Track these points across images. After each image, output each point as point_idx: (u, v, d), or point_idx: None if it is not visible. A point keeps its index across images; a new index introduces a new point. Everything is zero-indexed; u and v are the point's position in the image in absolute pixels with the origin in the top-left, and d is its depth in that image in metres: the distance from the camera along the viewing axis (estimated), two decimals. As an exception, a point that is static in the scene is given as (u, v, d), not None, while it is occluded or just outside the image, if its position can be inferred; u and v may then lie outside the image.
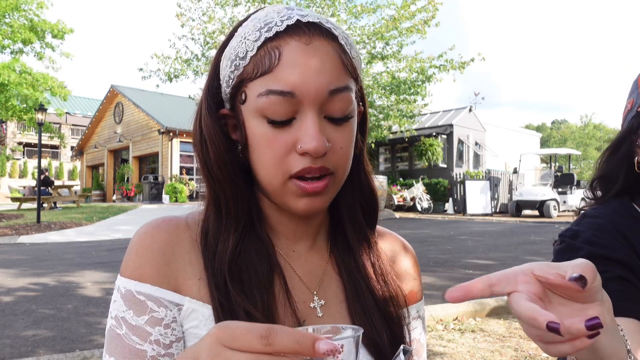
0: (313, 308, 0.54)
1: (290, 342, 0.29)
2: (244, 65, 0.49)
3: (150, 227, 0.54)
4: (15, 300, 4.27)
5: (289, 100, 0.47)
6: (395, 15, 11.73)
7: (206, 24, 12.28)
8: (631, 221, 0.76)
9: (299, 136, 0.48)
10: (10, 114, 13.24)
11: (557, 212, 13.80)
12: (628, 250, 0.72)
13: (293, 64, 0.47)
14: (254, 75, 0.48)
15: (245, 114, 0.51)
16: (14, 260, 6.56)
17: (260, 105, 0.48)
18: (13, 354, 2.93)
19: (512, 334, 3.30)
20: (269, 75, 0.47)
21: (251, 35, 0.49)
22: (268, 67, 0.47)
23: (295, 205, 0.51)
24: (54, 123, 19.27)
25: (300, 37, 0.48)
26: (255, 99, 0.48)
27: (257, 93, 0.48)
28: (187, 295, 0.51)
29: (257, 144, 0.50)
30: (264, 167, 0.50)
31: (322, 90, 0.48)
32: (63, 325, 3.53)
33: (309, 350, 0.29)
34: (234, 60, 0.50)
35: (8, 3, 12.05)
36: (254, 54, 0.48)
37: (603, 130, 46.47)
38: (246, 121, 0.51)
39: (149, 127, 19.25)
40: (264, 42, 0.48)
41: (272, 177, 0.50)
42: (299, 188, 0.49)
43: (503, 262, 5.91)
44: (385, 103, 12.58)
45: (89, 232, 9.75)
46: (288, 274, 0.55)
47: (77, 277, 5.26)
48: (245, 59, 0.49)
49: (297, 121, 0.48)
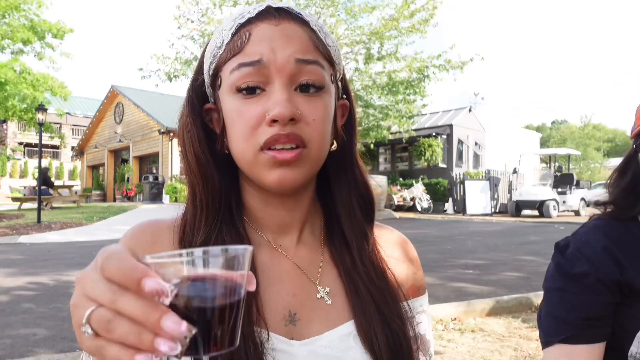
0: (320, 298, 0.54)
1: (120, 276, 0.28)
2: (220, 54, 0.52)
3: (136, 229, 0.55)
4: (15, 299, 4.27)
5: (258, 70, 0.49)
6: (395, 14, 11.73)
7: (206, 25, 12.29)
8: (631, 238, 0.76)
9: (268, 106, 0.49)
10: (10, 114, 13.24)
11: (557, 212, 13.79)
12: (610, 268, 0.73)
13: (261, 39, 0.50)
14: (227, 57, 0.51)
15: (222, 98, 0.53)
16: (14, 260, 6.57)
17: (232, 80, 0.50)
18: (13, 353, 2.94)
19: (511, 333, 3.30)
20: (240, 53, 0.50)
21: (227, 25, 0.52)
22: (239, 47, 0.50)
23: (267, 178, 0.51)
24: (55, 123, 19.27)
25: (270, 20, 0.51)
26: (228, 77, 0.51)
27: (229, 70, 0.50)
28: None
29: (231, 121, 0.51)
30: (236, 142, 0.51)
31: (289, 58, 0.49)
32: (63, 325, 3.53)
33: (134, 286, 0.28)
34: (212, 51, 0.53)
35: (8, 3, 12.05)
36: (228, 40, 0.51)
37: (602, 131, 46.46)
38: (222, 103, 0.53)
39: (149, 127, 19.25)
40: (237, 28, 0.51)
41: (244, 150, 0.51)
42: (270, 158, 0.49)
43: (503, 263, 5.91)
44: (384, 103, 12.58)
45: (89, 232, 9.75)
46: (282, 266, 0.55)
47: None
48: (222, 48, 0.52)
49: (266, 92, 0.50)
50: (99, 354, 0.29)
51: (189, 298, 0.29)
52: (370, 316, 0.54)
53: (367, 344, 0.53)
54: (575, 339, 0.72)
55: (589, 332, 0.72)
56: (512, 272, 5.28)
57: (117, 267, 0.28)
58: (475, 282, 4.76)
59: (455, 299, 4.05)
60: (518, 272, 5.24)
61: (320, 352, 0.51)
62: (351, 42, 12.41)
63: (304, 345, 0.51)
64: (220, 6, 12.26)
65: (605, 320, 0.72)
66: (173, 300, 0.29)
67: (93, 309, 0.29)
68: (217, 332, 0.30)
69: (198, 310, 0.30)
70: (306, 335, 0.52)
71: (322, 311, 0.54)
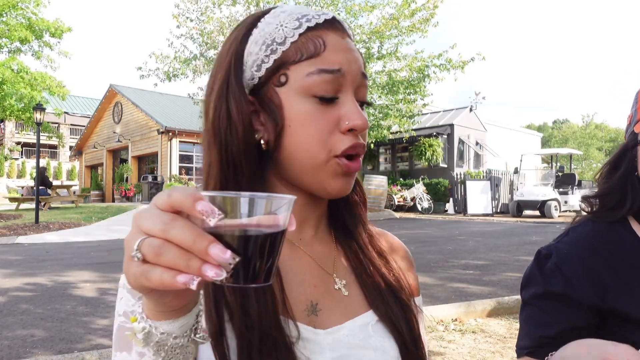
0: (338, 289, 0.57)
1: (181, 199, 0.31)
2: (283, 50, 0.52)
3: None
4: (13, 300, 4.24)
5: (336, 79, 0.52)
6: (395, 13, 11.72)
7: (205, 23, 12.26)
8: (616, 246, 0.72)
9: (343, 113, 0.52)
10: (8, 114, 13.20)
11: (558, 212, 13.79)
12: (588, 292, 0.69)
13: (337, 50, 0.53)
14: (299, 58, 0.52)
15: (283, 95, 0.52)
16: (12, 260, 6.54)
17: (308, 83, 0.51)
18: (11, 354, 2.91)
19: (512, 334, 3.27)
20: (317, 58, 0.52)
21: (289, 23, 0.53)
22: (314, 52, 0.52)
23: (331, 185, 0.53)
24: (53, 123, 19.24)
25: (337, 32, 0.54)
26: (303, 79, 0.51)
27: (306, 73, 0.51)
28: None
29: (300, 124, 0.52)
30: (306, 146, 0.52)
31: (359, 71, 0.54)
32: (61, 326, 3.51)
33: (190, 204, 0.31)
34: (270, 45, 0.52)
35: (5, 1, 12.01)
36: (294, 40, 0.52)
37: (605, 130, 46.53)
38: (285, 102, 0.52)
39: (148, 127, 19.22)
40: (305, 30, 0.52)
41: (315, 155, 0.52)
42: (342, 167, 0.52)
43: (504, 263, 5.90)
44: (384, 102, 12.57)
45: (88, 233, 9.72)
46: (302, 258, 0.57)
47: (75, 277, 5.23)
48: (285, 44, 0.52)
49: (340, 100, 0.52)
50: (143, 277, 0.32)
51: (233, 228, 0.32)
52: (390, 305, 0.57)
53: (393, 331, 0.56)
54: (541, 354, 0.68)
55: (552, 351, 0.67)
56: (513, 273, 5.26)
57: (180, 192, 0.32)
58: (476, 283, 4.74)
59: (456, 299, 4.03)
60: (519, 272, 5.22)
61: (343, 341, 0.54)
62: (351, 41, 12.39)
63: (328, 334, 0.54)
64: (220, 5, 12.24)
65: (573, 340, 0.68)
66: (219, 230, 0.32)
67: (145, 238, 0.32)
68: (256, 265, 0.33)
69: (240, 240, 0.33)
70: (327, 325, 0.54)
71: (341, 302, 0.56)
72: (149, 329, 0.37)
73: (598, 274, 0.69)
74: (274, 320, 0.49)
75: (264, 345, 0.47)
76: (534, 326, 0.73)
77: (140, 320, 0.37)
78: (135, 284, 0.33)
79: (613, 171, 0.76)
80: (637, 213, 0.74)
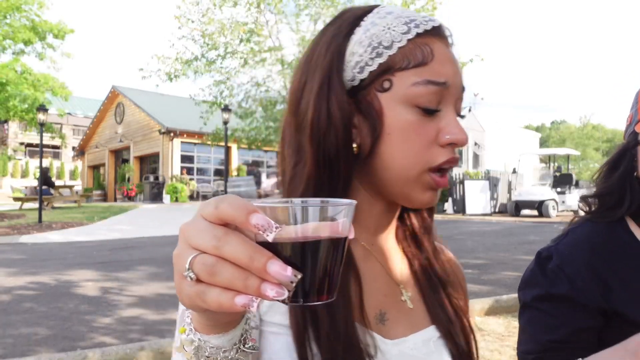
0: (404, 301, 0.56)
1: (232, 213, 0.28)
2: (389, 54, 0.50)
3: None
4: (17, 299, 4.29)
5: (441, 92, 0.50)
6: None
7: (206, 25, 12.31)
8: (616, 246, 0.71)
9: (444, 126, 0.51)
10: (11, 114, 13.28)
11: (556, 212, 13.79)
12: (593, 292, 0.68)
13: (444, 61, 0.51)
14: (405, 65, 0.50)
15: (385, 101, 0.51)
16: (16, 259, 6.59)
17: (414, 93, 0.50)
18: (15, 352, 2.96)
19: (511, 333, 3.31)
20: (425, 68, 0.50)
21: (397, 27, 0.51)
22: (422, 60, 0.50)
23: (419, 197, 0.52)
24: (56, 123, 19.30)
25: (443, 40, 0.52)
26: (409, 87, 0.50)
27: (412, 82, 0.50)
28: None
29: (400, 132, 0.50)
30: (402, 157, 0.50)
31: (461, 84, 0.53)
32: (64, 324, 3.55)
33: (243, 219, 0.28)
34: (376, 48, 0.51)
35: (9, 3, 12.09)
36: (402, 45, 0.50)
37: (602, 131, 46.43)
38: (386, 109, 0.51)
39: (149, 128, 19.28)
40: (414, 36, 0.50)
41: (411, 166, 0.51)
42: (433, 181, 0.51)
43: (502, 262, 5.93)
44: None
45: (90, 232, 9.78)
46: (374, 265, 0.56)
47: (78, 276, 5.29)
48: (392, 49, 0.50)
49: (441, 113, 0.51)
50: (199, 299, 0.29)
51: (292, 242, 0.29)
52: (452, 323, 0.56)
53: (454, 349, 0.55)
54: (548, 359, 0.69)
55: (561, 355, 0.68)
56: (511, 272, 5.29)
57: (229, 203, 0.29)
58: (474, 282, 4.77)
59: (454, 298, 4.05)
60: (517, 271, 5.25)
61: (408, 353, 0.53)
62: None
63: (395, 344, 0.53)
64: (221, 7, 12.29)
65: (580, 343, 0.68)
66: (276, 245, 0.29)
67: (196, 255, 0.29)
68: (320, 279, 0.30)
69: (300, 253, 0.30)
70: (393, 336, 0.53)
71: (406, 314, 0.55)
72: (198, 342, 0.35)
73: (600, 275, 0.68)
74: (353, 328, 0.48)
75: (348, 355, 0.46)
76: (538, 330, 0.70)
77: (189, 332, 0.35)
78: (190, 304, 0.31)
79: (612, 171, 0.75)
80: (634, 213, 0.73)
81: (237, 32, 12.27)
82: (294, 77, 0.56)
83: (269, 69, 13.04)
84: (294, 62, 12.51)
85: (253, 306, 0.28)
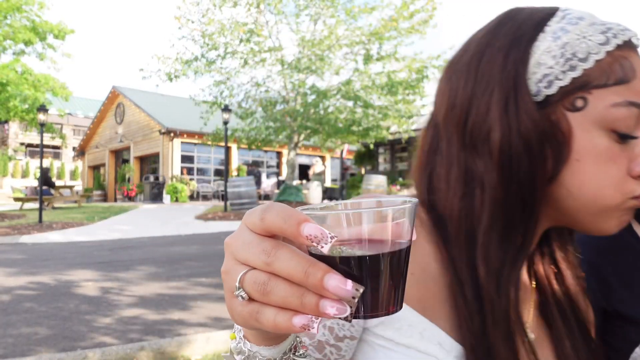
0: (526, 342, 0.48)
1: (280, 224, 0.26)
2: (584, 68, 0.43)
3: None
4: (17, 299, 4.31)
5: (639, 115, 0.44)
6: (395, 15, 11.78)
7: (206, 25, 12.35)
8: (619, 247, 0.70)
9: (637, 156, 0.45)
10: (12, 115, 13.31)
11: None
12: (594, 292, 0.67)
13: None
14: (604, 82, 0.43)
15: (575, 122, 0.44)
16: (16, 259, 6.62)
17: (612, 115, 0.43)
18: (15, 352, 2.98)
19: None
20: (625, 87, 0.44)
21: (594, 36, 0.44)
22: (623, 77, 0.44)
23: (610, 226, 0.47)
24: (56, 124, 19.35)
25: (637, 54, 0.46)
26: (607, 109, 0.43)
27: (611, 102, 0.43)
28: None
29: (593, 160, 0.44)
30: (596, 186, 0.45)
31: None
32: (64, 324, 3.57)
33: (293, 230, 0.25)
34: (569, 59, 0.44)
35: (10, 4, 12.12)
36: (600, 58, 0.43)
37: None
38: (576, 131, 0.44)
39: (149, 128, 19.31)
40: (614, 47, 0.44)
41: (608, 197, 0.45)
42: (631, 208, 0.47)
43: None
44: (383, 103, 12.63)
45: (91, 232, 9.80)
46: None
47: (78, 276, 5.30)
48: (587, 62, 0.43)
49: (636, 140, 0.45)
50: (253, 320, 0.27)
51: (350, 252, 0.26)
52: None
53: None
54: None
55: None
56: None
57: (276, 213, 0.26)
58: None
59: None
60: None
61: None
62: (351, 42, 12.45)
63: None
64: (221, 7, 12.31)
65: None
66: (332, 256, 0.26)
67: (246, 272, 0.27)
68: (384, 292, 0.27)
69: (360, 263, 0.26)
70: None
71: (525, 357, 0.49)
72: (248, 353, 0.33)
73: (604, 275, 0.67)
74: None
75: None
76: None
77: (240, 340, 0.34)
78: (243, 324, 0.28)
79: None
80: (638, 214, 0.71)
81: (237, 32, 12.29)
82: (450, 81, 0.48)
83: (269, 69, 13.07)
84: (293, 62, 12.53)
85: (313, 327, 0.26)
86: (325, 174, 19.83)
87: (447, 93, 0.48)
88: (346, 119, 12.60)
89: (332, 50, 12.47)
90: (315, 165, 16.99)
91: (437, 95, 0.51)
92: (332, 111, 12.76)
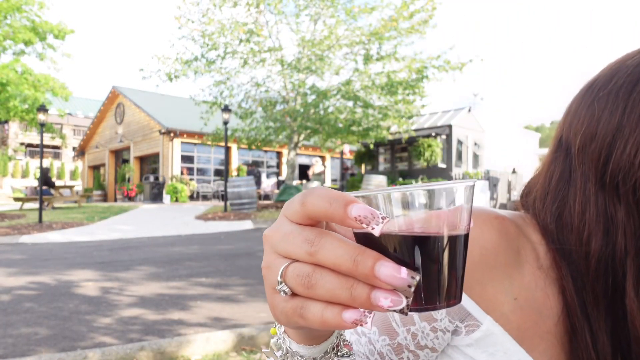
0: None
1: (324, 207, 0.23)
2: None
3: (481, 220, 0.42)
4: (17, 299, 4.32)
5: None
6: (394, 15, 11.79)
7: (206, 25, 12.36)
8: None
9: None
10: (12, 115, 13.33)
11: (557, 212, 13.82)
12: None
13: None
14: None
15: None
16: (16, 259, 6.62)
17: None
18: (15, 352, 2.98)
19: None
20: None
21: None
22: None
23: None
24: (56, 124, 19.38)
25: None
26: None
27: None
28: (491, 314, 0.41)
29: None
30: None
31: None
32: (64, 324, 3.57)
33: (340, 212, 0.23)
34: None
35: (10, 4, 12.13)
36: None
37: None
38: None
39: (149, 128, 19.32)
40: None
41: None
42: None
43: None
44: (383, 103, 12.65)
45: (91, 232, 9.81)
46: None
47: (78, 276, 5.31)
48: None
49: None
50: (297, 316, 0.25)
51: (403, 236, 0.23)
52: None
53: None
54: None
55: None
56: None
57: (320, 196, 0.24)
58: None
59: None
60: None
61: None
62: (351, 42, 12.46)
63: None
64: (221, 7, 12.32)
65: None
66: (383, 241, 0.23)
67: (288, 265, 0.25)
68: (444, 280, 0.24)
69: (417, 249, 0.23)
70: None
71: None
72: (287, 350, 0.31)
73: None
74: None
75: None
76: None
77: (280, 336, 0.32)
78: (286, 322, 0.26)
79: None
80: None
81: (237, 32, 12.30)
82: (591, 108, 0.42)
83: (269, 69, 13.08)
84: (293, 62, 12.55)
85: (367, 322, 0.23)
86: (325, 174, 19.86)
87: (586, 121, 0.42)
88: (346, 119, 12.61)
89: (332, 50, 12.48)
90: (315, 166, 17.00)
91: (573, 119, 0.45)
92: (332, 111, 12.77)
